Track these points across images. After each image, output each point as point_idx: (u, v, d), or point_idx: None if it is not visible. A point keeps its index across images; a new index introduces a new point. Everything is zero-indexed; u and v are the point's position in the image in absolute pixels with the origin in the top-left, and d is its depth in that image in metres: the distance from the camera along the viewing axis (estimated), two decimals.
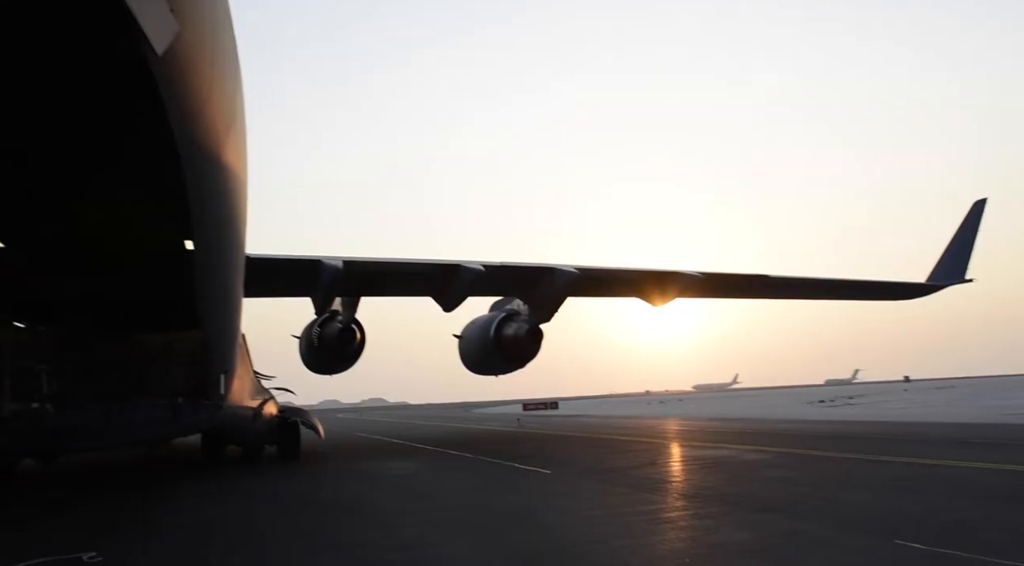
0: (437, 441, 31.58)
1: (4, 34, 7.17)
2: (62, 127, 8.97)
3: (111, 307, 15.93)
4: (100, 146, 9.51)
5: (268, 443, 23.63)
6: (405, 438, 35.55)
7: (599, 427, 39.46)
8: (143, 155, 9.59)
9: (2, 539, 8.62)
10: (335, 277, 24.10)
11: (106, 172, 10.32)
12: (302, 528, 10.92)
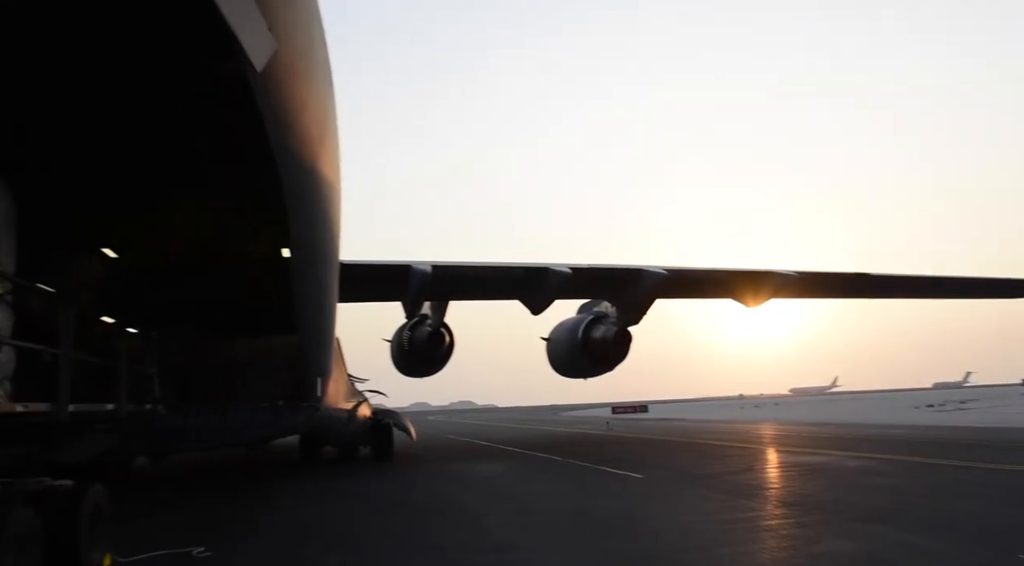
0: (526, 444, 31.65)
1: (118, 58, 7.60)
2: (169, 142, 9.44)
3: (215, 313, 16.68)
4: (204, 159, 9.97)
5: (362, 444, 24.22)
6: (494, 440, 35.79)
7: (691, 431, 38.65)
8: (243, 167, 9.99)
9: (120, 534, 9.16)
10: (424, 281, 24.53)
11: (209, 184, 10.81)
12: (395, 529, 11.14)
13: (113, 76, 7.94)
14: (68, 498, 8.05)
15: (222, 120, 8.82)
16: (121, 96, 8.32)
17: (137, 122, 9.00)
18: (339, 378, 23.13)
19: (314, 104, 9.96)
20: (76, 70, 7.79)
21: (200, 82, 8.03)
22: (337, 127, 12.66)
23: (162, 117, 8.91)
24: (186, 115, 8.75)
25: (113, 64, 7.72)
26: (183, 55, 7.51)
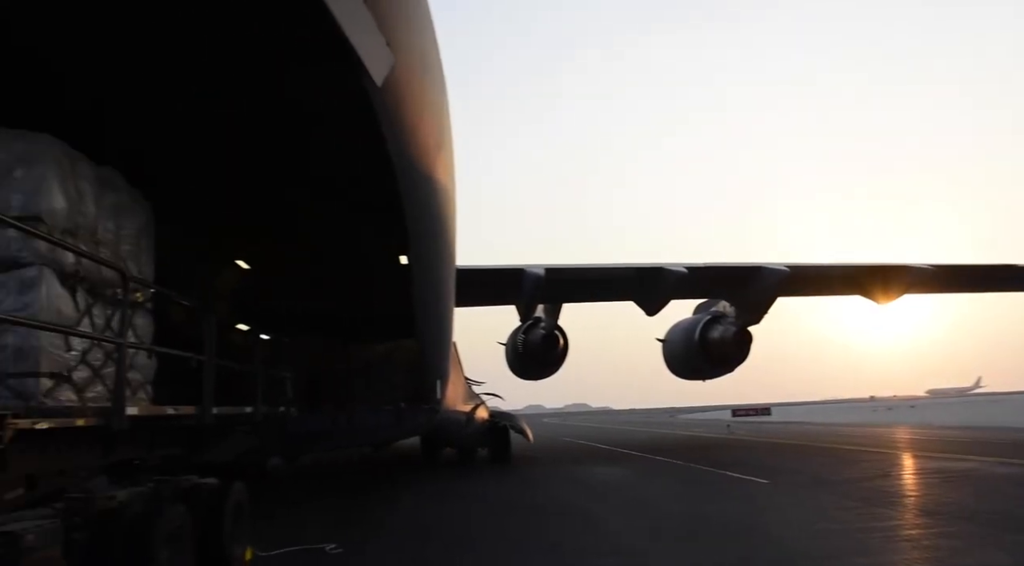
0: (643, 446, 31.21)
1: (248, 77, 8.08)
2: (294, 157, 9.95)
3: (340, 320, 17.40)
4: (327, 173, 10.44)
5: (480, 446, 24.61)
6: (611, 443, 35.49)
7: (819, 435, 36.93)
8: (364, 179, 10.39)
9: (259, 530, 9.73)
10: (537, 285, 24.67)
11: (332, 197, 11.30)
12: (514, 530, 11.24)
13: (243, 94, 8.45)
14: (214, 496, 8.60)
15: (345, 134, 9.21)
16: (250, 113, 8.84)
17: (265, 138, 9.54)
18: (457, 381, 23.61)
19: (430, 113, 10.24)
20: (210, 91, 8.34)
21: (324, 99, 8.41)
22: (451, 133, 12.96)
23: (288, 133, 9.40)
24: (311, 131, 9.20)
25: (243, 83, 8.22)
26: (309, 74, 7.90)
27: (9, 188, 6.41)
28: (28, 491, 6.35)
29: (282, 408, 12.47)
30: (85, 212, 7.17)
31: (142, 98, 8.37)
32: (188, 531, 7.46)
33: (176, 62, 7.71)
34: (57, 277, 6.51)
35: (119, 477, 7.86)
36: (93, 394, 6.98)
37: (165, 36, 7.30)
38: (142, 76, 7.95)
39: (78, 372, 6.78)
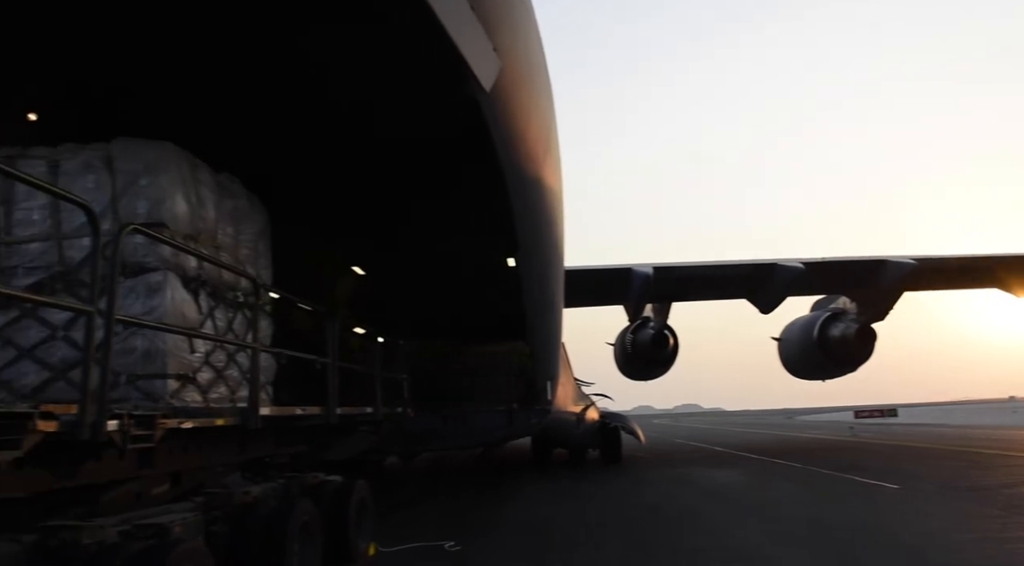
0: (760, 449, 30.18)
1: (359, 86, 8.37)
2: (405, 165, 10.23)
3: (452, 323, 17.79)
4: (437, 179, 10.69)
5: (591, 447, 24.52)
6: (725, 445, 34.54)
7: (953, 438, 34.61)
8: (473, 184, 10.58)
9: (378, 526, 10.10)
10: (646, 284, 24.36)
11: (441, 202, 11.56)
12: (631, 531, 11.13)
13: (354, 102, 8.74)
14: (339, 492, 8.97)
15: (455, 140, 9.40)
16: (361, 120, 9.12)
17: (376, 145, 9.83)
18: (567, 382, 23.62)
19: (537, 116, 10.32)
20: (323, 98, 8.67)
21: (434, 106, 8.62)
22: (558, 135, 13.00)
23: (399, 140, 9.66)
24: (421, 137, 9.43)
25: (355, 90, 8.50)
26: (419, 81, 8.11)
27: (135, 196, 6.70)
28: (172, 486, 6.84)
29: (400, 409, 12.87)
30: (205, 217, 7.43)
31: (261, 107, 8.73)
32: (316, 526, 7.81)
33: (292, 72, 8.05)
34: (180, 281, 6.77)
35: (252, 473, 8.33)
36: (216, 395, 7.26)
37: (283, 47, 7.64)
38: (262, 86, 8.31)
39: (202, 373, 7.04)
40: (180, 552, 5.12)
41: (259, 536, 6.84)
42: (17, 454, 3.89)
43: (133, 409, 5.14)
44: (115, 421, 4.71)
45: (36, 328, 6.40)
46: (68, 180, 6.60)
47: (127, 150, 6.83)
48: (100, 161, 6.78)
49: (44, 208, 6.67)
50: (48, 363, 6.33)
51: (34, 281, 6.53)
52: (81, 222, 6.49)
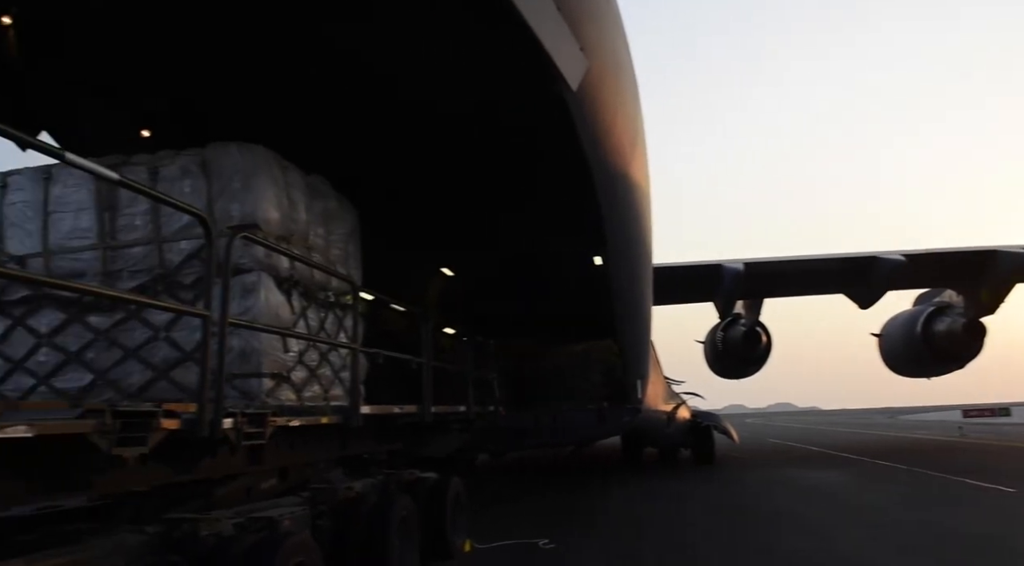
0: (860, 449, 28.97)
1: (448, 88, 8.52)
2: (494, 165, 10.35)
3: (540, 322, 17.86)
4: (524, 178, 10.77)
5: (682, 446, 24.13)
6: (822, 445, 33.31)
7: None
8: (561, 182, 10.61)
9: (473, 523, 10.25)
10: (736, 280, 23.81)
11: (529, 201, 11.64)
12: (727, 532, 10.91)
13: (441, 102, 8.88)
14: (435, 489, 9.16)
15: (542, 140, 9.45)
16: (448, 121, 9.25)
17: (463, 146, 9.96)
18: (656, 381, 23.32)
19: (624, 113, 10.26)
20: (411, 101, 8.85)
21: (522, 106, 8.69)
22: (644, 132, 12.88)
23: (486, 140, 9.78)
24: (508, 137, 9.52)
25: (442, 91, 8.64)
26: (507, 82, 8.20)
27: (230, 198, 6.81)
28: (280, 481, 7.14)
29: (491, 407, 13.02)
30: (297, 219, 7.51)
31: (351, 110, 8.92)
32: (415, 521, 7.99)
33: (381, 76, 8.24)
34: (274, 282, 6.85)
35: (352, 470, 8.60)
36: (310, 393, 7.34)
37: (373, 52, 7.83)
38: (352, 90, 8.51)
39: (295, 373, 7.12)
40: (291, 544, 5.35)
41: (361, 530, 7.07)
42: (143, 450, 4.15)
43: (245, 408, 5.39)
44: (230, 419, 4.95)
45: (140, 329, 6.59)
46: (167, 185, 6.76)
47: (221, 154, 6.95)
48: (196, 166, 6.92)
49: (146, 213, 6.85)
50: (151, 363, 6.53)
51: (137, 284, 6.73)
52: (180, 226, 6.70)
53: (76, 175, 6.86)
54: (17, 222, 7.03)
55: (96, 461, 4.06)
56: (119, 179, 4.27)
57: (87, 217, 6.92)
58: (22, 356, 6.77)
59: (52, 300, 6.80)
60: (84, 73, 8.76)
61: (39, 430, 3.48)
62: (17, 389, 6.70)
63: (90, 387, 6.59)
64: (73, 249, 6.92)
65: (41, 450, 3.77)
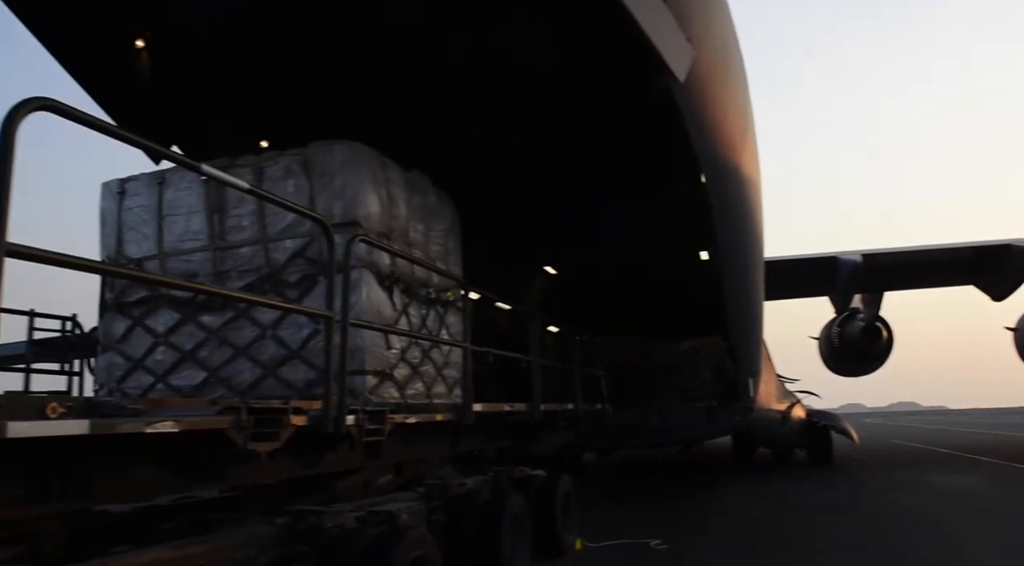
0: (995, 452, 27.00)
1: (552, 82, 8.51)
2: (600, 161, 10.26)
3: (647, 318, 17.63)
4: (632, 174, 10.63)
5: (797, 446, 23.22)
6: (951, 447, 31.26)
7: None
8: (669, 177, 10.41)
9: (582, 521, 10.22)
10: (854, 273, 22.72)
11: (637, 197, 11.49)
12: (850, 535, 10.41)
13: (544, 96, 8.86)
14: (545, 486, 9.17)
15: (650, 134, 9.30)
16: (552, 115, 9.22)
17: (568, 140, 9.91)
18: (769, 378, 22.56)
19: (733, 105, 9.97)
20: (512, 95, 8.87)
21: (628, 101, 8.58)
22: (754, 121, 12.47)
23: (592, 134, 9.70)
24: (614, 131, 9.41)
25: (543, 85, 8.62)
26: (612, 76, 8.11)
27: (331, 196, 6.89)
28: (395, 477, 7.33)
29: (598, 405, 12.94)
30: (397, 215, 7.54)
31: (451, 104, 8.98)
32: (526, 518, 8.03)
33: (484, 71, 8.28)
34: (375, 279, 6.91)
35: (462, 466, 8.74)
36: (413, 391, 7.40)
37: (476, 48, 7.88)
38: (452, 85, 8.58)
39: (398, 370, 7.20)
40: (411, 538, 5.48)
41: (475, 526, 7.15)
42: (275, 445, 4.35)
43: (365, 406, 5.56)
44: (352, 416, 5.13)
45: (248, 328, 6.78)
46: (271, 185, 6.89)
47: (322, 153, 7.03)
48: (298, 165, 7.04)
49: (252, 214, 7.03)
50: (259, 361, 6.70)
51: (246, 283, 6.91)
52: (284, 225, 6.88)
53: (187, 179, 7.14)
54: (134, 226, 7.31)
55: (232, 455, 4.29)
56: (249, 188, 4.48)
57: (198, 219, 7.15)
58: (141, 355, 7.08)
59: (167, 301, 7.05)
60: (205, 88, 9.25)
61: (184, 426, 3.70)
62: (138, 387, 7.03)
63: (203, 385, 6.83)
64: (186, 251, 7.15)
65: (183, 445, 4.01)
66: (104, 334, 7.39)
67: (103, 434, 3.28)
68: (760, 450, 24.54)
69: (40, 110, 2.97)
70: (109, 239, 7.43)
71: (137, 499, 4.95)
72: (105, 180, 7.61)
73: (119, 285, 7.28)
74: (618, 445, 20.84)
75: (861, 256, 22.66)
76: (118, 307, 7.30)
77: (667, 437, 18.87)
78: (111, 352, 7.26)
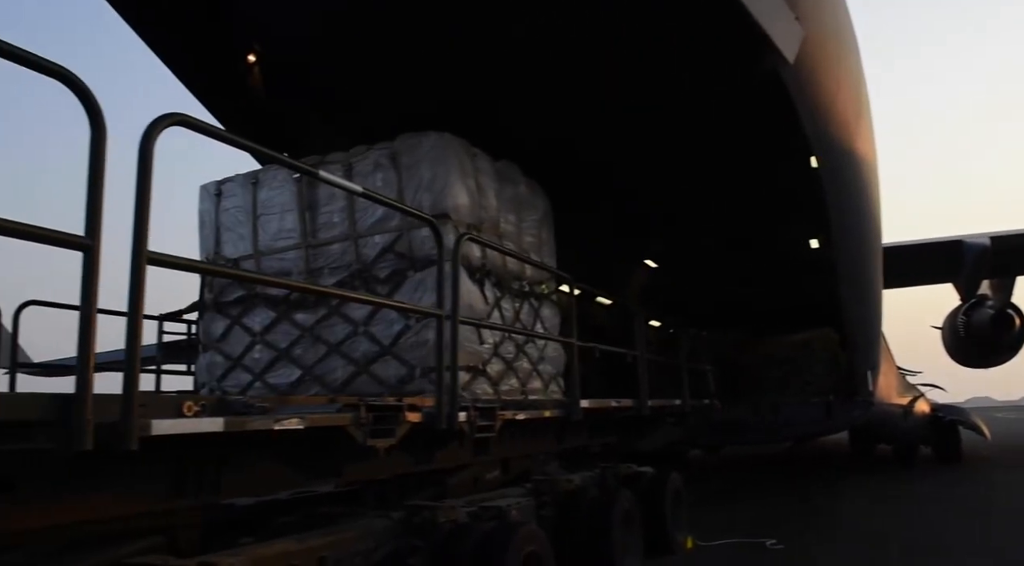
0: None
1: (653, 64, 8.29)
2: (705, 149, 9.94)
3: (756, 311, 17.10)
4: (735, 161, 10.27)
5: (921, 443, 21.95)
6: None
7: None
8: (779, 162, 10.01)
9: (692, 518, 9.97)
10: (981, 257, 21.25)
11: (744, 185, 11.10)
12: (985, 539, 9.74)
13: (644, 83, 8.61)
14: (653, 483, 9.00)
15: (756, 118, 8.96)
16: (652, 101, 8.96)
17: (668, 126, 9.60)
18: (888, 371, 21.41)
19: (846, 83, 9.48)
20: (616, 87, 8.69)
21: (734, 84, 8.29)
22: (869, 99, 11.81)
23: (697, 119, 9.38)
24: (722, 119, 9.11)
25: (645, 70, 8.38)
26: (719, 59, 7.85)
27: (419, 188, 6.75)
28: (502, 473, 7.37)
29: (707, 401, 12.63)
30: (487, 206, 7.33)
31: (545, 92, 8.82)
32: (636, 515, 7.90)
33: (582, 59, 8.12)
34: (466, 272, 6.68)
35: (567, 462, 8.69)
36: (507, 387, 7.23)
37: (575, 37, 7.76)
38: (549, 74, 8.45)
39: (491, 365, 7.03)
40: (524, 534, 5.49)
41: (584, 523, 7.10)
42: (392, 441, 4.44)
43: (475, 402, 5.60)
44: (463, 413, 5.17)
45: (341, 325, 6.76)
46: (360, 180, 6.72)
47: (410, 145, 6.93)
48: (386, 159, 6.96)
49: (342, 210, 6.99)
50: (352, 358, 6.67)
51: (337, 280, 6.89)
52: (374, 220, 6.83)
53: (279, 178, 7.22)
54: (231, 226, 7.43)
55: (349, 451, 4.40)
56: (363, 191, 4.58)
57: (291, 218, 7.18)
58: (239, 353, 7.20)
59: (263, 299, 7.13)
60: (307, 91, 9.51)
61: (309, 422, 3.82)
62: (236, 385, 7.16)
63: (297, 382, 6.87)
64: (279, 249, 7.20)
65: (303, 441, 4.15)
66: (205, 334, 7.54)
67: (235, 431, 3.42)
68: (880, 447, 23.36)
69: (175, 125, 3.13)
70: (208, 240, 7.56)
71: (261, 493, 5.17)
72: (203, 183, 7.77)
73: (218, 285, 7.41)
74: (726, 442, 20.28)
75: (989, 239, 21.17)
76: (217, 307, 7.42)
77: (780, 433, 18.20)
78: (211, 351, 7.41)
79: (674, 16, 7.29)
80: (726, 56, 7.75)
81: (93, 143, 2.78)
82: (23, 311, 6.97)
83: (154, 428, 2.98)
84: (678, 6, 7.17)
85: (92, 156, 2.77)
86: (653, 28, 7.59)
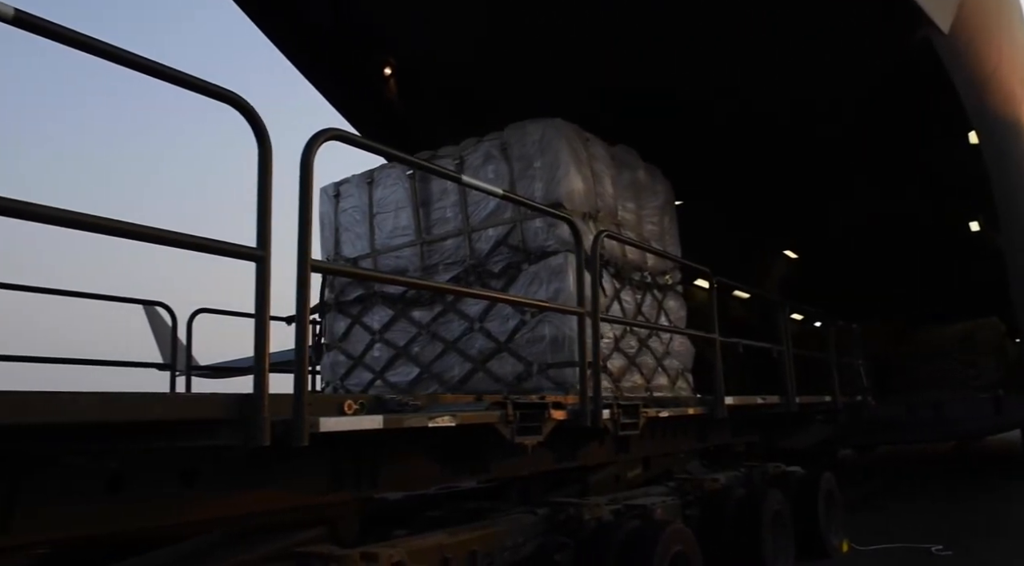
0: None
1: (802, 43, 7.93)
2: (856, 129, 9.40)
3: (907, 300, 16.01)
4: (887, 139, 9.66)
5: None
6: None
7: None
8: (936, 140, 9.33)
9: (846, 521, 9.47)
10: None
11: (897, 166, 10.43)
12: None
13: (792, 62, 8.24)
14: (804, 484, 8.62)
15: (909, 93, 8.41)
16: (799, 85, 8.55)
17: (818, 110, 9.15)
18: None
19: (1010, 50, 8.68)
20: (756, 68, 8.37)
21: (885, 56, 7.82)
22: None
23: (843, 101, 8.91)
24: (872, 95, 8.61)
25: (793, 48, 8.00)
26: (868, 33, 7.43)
27: (532, 178, 6.54)
28: (643, 471, 7.29)
29: (859, 397, 11.97)
30: (603, 193, 7.04)
31: (679, 68, 8.57)
32: (787, 517, 7.60)
33: (721, 34, 7.89)
34: (581, 264, 6.27)
35: (710, 461, 8.48)
36: (629, 384, 6.98)
37: (716, 15, 7.53)
38: (683, 46, 8.20)
39: (612, 361, 6.76)
40: (671, 533, 5.41)
41: (732, 523, 6.91)
42: (539, 439, 4.50)
43: (618, 400, 5.58)
44: (607, 411, 5.15)
45: (456, 322, 6.73)
46: (472, 173, 6.57)
47: (519, 134, 6.74)
48: (496, 150, 6.80)
49: (455, 205, 6.92)
50: (468, 355, 6.63)
51: (452, 276, 6.83)
52: (486, 213, 6.74)
53: (393, 176, 7.30)
54: (349, 226, 7.54)
55: (496, 448, 4.50)
56: (503, 193, 4.67)
57: (405, 215, 7.21)
58: (360, 352, 7.33)
59: (381, 298, 7.20)
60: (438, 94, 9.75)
61: (460, 420, 3.94)
62: (358, 384, 7.29)
63: (416, 380, 6.90)
64: (395, 247, 7.24)
65: (452, 438, 4.28)
66: (328, 333, 7.71)
67: (393, 428, 3.58)
68: None
69: (332, 140, 3.31)
70: (328, 242, 7.69)
71: (413, 488, 5.38)
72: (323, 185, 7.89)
73: (339, 285, 7.56)
74: (881, 441, 19.08)
75: None
76: (338, 306, 7.57)
77: (942, 432, 16.91)
78: (335, 350, 7.58)
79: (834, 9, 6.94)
80: (878, 29, 7.30)
81: (261, 162, 2.98)
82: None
83: (322, 425, 3.15)
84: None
85: (260, 174, 2.97)
86: (804, 12, 7.30)
